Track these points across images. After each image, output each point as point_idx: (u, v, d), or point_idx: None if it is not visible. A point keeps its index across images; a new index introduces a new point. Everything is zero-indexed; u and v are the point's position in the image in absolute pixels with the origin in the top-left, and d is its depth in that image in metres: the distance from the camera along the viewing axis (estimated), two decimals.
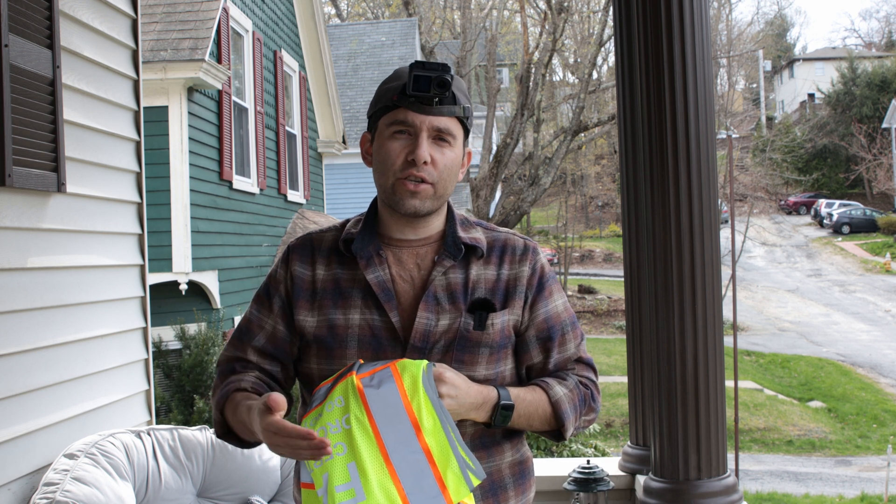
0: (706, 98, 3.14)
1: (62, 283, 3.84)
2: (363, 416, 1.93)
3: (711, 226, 3.15)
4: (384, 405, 1.93)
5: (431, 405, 1.95)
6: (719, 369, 3.17)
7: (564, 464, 3.95)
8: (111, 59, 4.35)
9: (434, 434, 1.94)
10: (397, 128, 2.14)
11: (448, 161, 2.15)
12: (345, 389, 1.96)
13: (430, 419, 1.94)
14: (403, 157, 2.12)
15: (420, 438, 1.93)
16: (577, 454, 10.35)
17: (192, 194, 10.98)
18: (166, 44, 10.92)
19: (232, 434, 2.22)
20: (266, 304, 2.26)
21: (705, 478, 3.14)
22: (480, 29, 30.58)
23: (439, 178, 2.14)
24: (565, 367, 2.27)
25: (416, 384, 1.95)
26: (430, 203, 2.16)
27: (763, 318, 30.53)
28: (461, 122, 2.17)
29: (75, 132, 3.94)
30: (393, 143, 2.14)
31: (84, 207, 4.05)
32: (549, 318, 2.24)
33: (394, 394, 1.94)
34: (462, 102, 2.16)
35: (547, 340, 2.24)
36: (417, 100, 2.11)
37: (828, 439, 18.76)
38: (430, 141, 2.13)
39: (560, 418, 2.18)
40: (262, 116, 13.44)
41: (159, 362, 9.98)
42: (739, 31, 50.34)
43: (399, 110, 2.13)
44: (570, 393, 2.22)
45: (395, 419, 1.93)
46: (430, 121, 2.12)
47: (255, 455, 3.77)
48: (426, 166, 2.12)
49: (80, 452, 3.42)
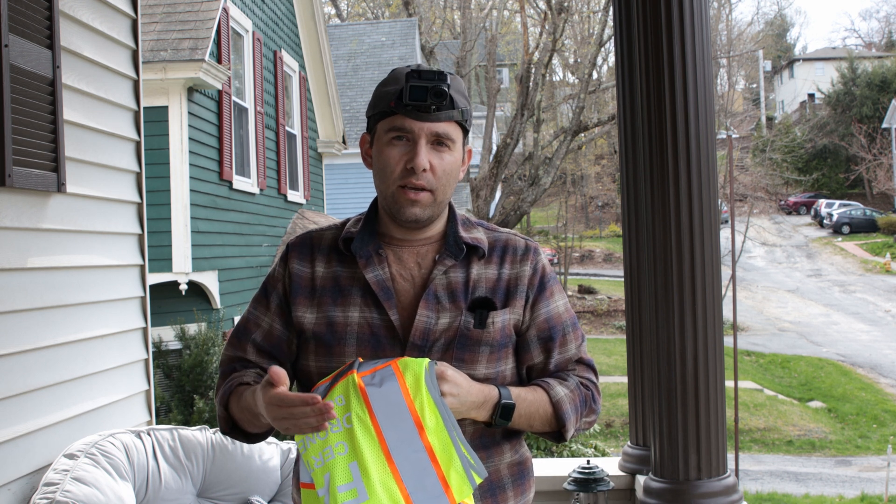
0: (706, 98, 3.14)
1: (62, 283, 3.84)
2: (365, 415, 1.93)
3: (711, 226, 3.15)
4: (386, 403, 1.93)
5: (434, 404, 1.94)
6: (719, 369, 3.17)
7: (564, 464, 3.95)
8: (111, 59, 4.36)
9: (437, 433, 1.94)
10: (395, 134, 2.13)
11: (447, 166, 2.14)
12: (345, 388, 1.95)
13: (432, 418, 1.93)
14: (402, 164, 2.12)
15: (423, 437, 1.93)
16: (577, 454, 10.35)
17: (192, 194, 10.98)
18: (166, 44, 10.92)
19: (237, 429, 2.22)
20: (263, 303, 2.26)
21: (705, 478, 3.14)
22: (480, 29, 30.60)
23: (438, 184, 2.14)
24: (566, 368, 2.27)
25: (418, 382, 1.94)
26: (431, 210, 2.16)
27: (763, 318, 30.53)
28: (460, 124, 2.17)
29: (75, 132, 3.94)
30: (391, 150, 2.14)
31: (84, 207, 4.05)
32: (550, 319, 2.24)
33: (396, 392, 1.94)
34: (460, 105, 2.15)
35: (548, 341, 2.23)
36: (414, 108, 2.10)
37: (828, 439, 18.76)
38: (429, 147, 2.12)
39: (561, 419, 2.18)
40: (262, 116, 13.45)
41: (159, 362, 9.99)
42: (739, 31, 50.39)
43: (396, 117, 2.12)
44: (572, 394, 2.21)
45: (397, 418, 1.93)
46: (428, 127, 2.11)
47: (255, 455, 3.77)
48: (425, 173, 2.11)
49: (80, 452, 3.42)
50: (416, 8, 30.02)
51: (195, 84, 10.91)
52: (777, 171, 42.08)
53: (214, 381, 9.60)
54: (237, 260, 12.55)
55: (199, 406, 9.23)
